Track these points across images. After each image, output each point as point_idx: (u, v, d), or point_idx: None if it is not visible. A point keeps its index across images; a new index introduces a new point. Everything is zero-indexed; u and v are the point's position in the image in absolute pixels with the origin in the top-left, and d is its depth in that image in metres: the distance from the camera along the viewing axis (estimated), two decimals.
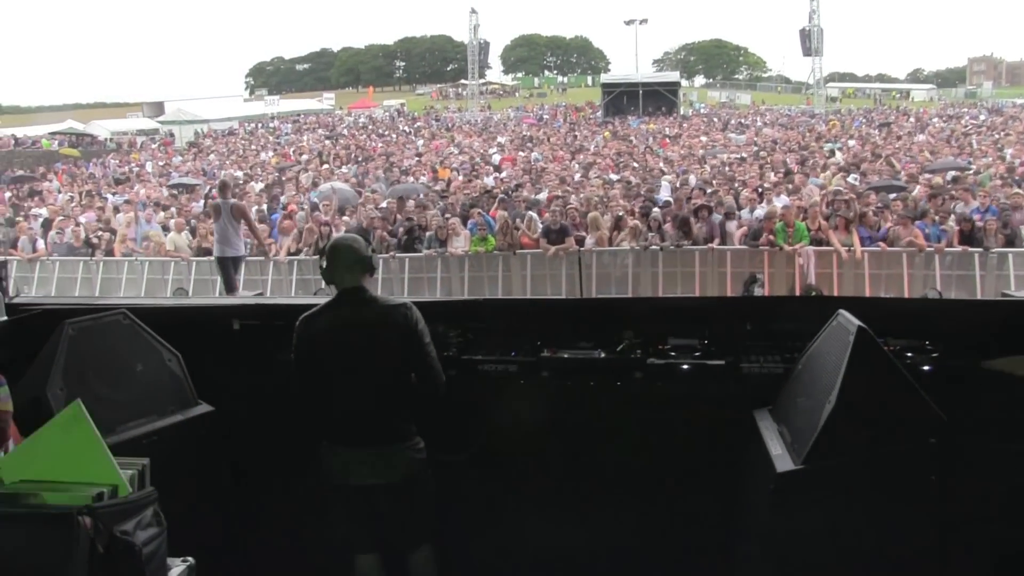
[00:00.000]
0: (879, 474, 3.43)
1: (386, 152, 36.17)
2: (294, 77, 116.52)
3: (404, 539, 4.41)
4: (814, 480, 3.43)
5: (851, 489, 3.46)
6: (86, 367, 4.09)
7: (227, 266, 13.71)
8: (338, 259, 4.29)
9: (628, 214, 15.81)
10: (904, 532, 3.50)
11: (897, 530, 3.49)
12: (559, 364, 4.60)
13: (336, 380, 4.25)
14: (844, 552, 3.51)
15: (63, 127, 50.89)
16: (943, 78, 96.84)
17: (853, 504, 3.47)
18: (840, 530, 3.49)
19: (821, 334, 3.94)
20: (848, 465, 3.41)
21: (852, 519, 3.48)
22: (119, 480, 2.67)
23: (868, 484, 3.45)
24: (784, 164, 24.23)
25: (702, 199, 16.54)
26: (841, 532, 3.49)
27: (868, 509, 3.47)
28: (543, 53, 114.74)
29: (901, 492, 3.47)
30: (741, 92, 79.27)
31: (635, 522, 4.56)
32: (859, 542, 3.50)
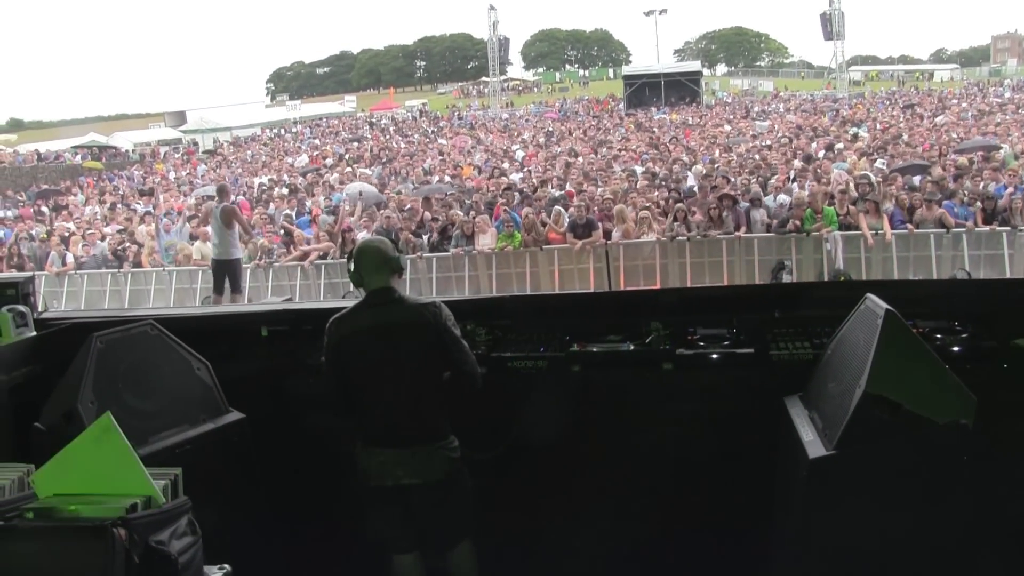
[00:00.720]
0: (911, 457, 3.40)
1: (409, 152, 36.22)
2: (315, 81, 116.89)
3: (443, 538, 4.42)
4: (846, 465, 3.42)
5: (884, 473, 3.43)
6: (116, 379, 4.12)
7: (221, 270, 13.76)
8: (366, 261, 4.31)
9: (654, 205, 15.75)
10: (938, 515, 3.47)
11: (931, 513, 3.47)
12: (588, 358, 4.59)
13: (369, 381, 4.26)
14: (878, 536, 3.49)
15: (86, 140, 51.27)
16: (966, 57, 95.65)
17: (886, 488, 3.45)
18: (874, 514, 3.47)
19: (849, 319, 3.91)
20: (880, 449, 3.38)
21: (885, 503, 3.46)
22: (152, 491, 2.68)
23: (900, 468, 3.42)
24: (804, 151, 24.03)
25: (727, 188, 16.46)
26: (875, 516, 3.47)
27: (901, 493, 3.45)
28: (563, 47, 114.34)
29: (934, 475, 3.44)
30: (763, 79, 78.67)
31: (669, 512, 4.55)
32: (893, 526, 3.48)
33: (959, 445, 3.38)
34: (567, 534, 4.72)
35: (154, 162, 44.10)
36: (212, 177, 34.13)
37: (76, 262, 17.06)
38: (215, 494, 3.80)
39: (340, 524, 4.90)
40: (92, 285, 16.80)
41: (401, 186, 24.53)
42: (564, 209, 16.00)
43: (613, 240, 14.86)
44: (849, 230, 14.20)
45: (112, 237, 18.30)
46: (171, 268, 16.64)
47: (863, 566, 3.51)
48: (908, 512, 3.46)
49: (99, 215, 23.70)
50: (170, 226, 19.07)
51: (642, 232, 14.99)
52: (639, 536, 4.62)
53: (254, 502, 4.53)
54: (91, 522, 2.51)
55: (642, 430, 4.56)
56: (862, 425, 3.35)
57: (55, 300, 15.96)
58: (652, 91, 56.35)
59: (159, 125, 66.98)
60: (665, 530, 4.57)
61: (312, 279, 15.72)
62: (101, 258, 17.16)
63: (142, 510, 2.62)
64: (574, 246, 14.94)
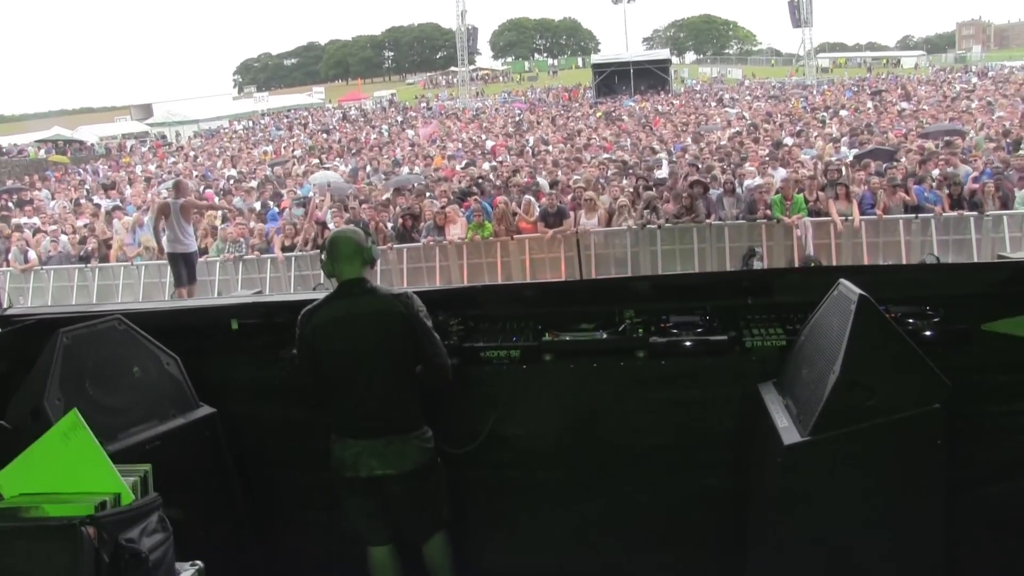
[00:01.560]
0: (885, 442, 3.42)
1: (379, 143, 36.09)
2: (282, 72, 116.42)
3: (417, 529, 4.42)
4: (821, 451, 3.43)
5: (858, 458, 3.44)
6: (83, 375, 4.06)
7: (177, 262, 14.07)
8: (338, 251, 4.28)
9: (624, 194, 15.77)
10: (912, 498, 3.50)
11: (905, 496, 3.49)
12: (562, 347, 4.57)
13: (341, 372, 4.23)
14: (853, 522, 3.51)
15: (50, 134, 50.50)
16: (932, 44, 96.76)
17: (861, 473, 3.47)
18: (849, 499, 3.49)
19: (822, 304, 3.92)
20: (855, 434, 3.39)
21: (860, 488, 3.48)
22: (121, 488, 2.65)
23: (875, 452, 3.43)
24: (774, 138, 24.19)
25: (697, 176, 16.51)
26: (850, 501, 3.49)
27: (876, 477, 3.47)
28: (532, 36, 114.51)
29: (908, 458, 3.46)
30: (732, 67, 79.15)
31: (645, 500, 4.56)
32: (867, 511, 3.50)
33: (932, 429, 3.40)
34: (542, 524, 4.71)
35: (121, 156, 43.62)
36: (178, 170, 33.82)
37: (43, 258, 16.83)
38: (186, 490, 3.76)
39: (314, 518, 4.88)
40: (59, 281, 16.60)
41: (372, 177, 24.43)
42: (535, 199, 15.98)
43: (584, 228, 14.85)
44: (819, 216, 14.27)
45: (77, 232, 18.07)
46: (140, 263, 16.47)
47: (838, 551, 3.53)
48: (882, 496, 3.49)
49: (68, 210, 23.37)
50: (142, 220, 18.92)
51: (615, 220, 14.99)
52: (614, 524, 4.62)
53: (226, 497, 4.49)
54: (59, 521, 2.48)
55: (616, 418, 4.55)
56: (836, 411, 3.37)
57: (21, 296, 15.77)
58: (621, 79, 56.46)
59: (125, 118, 66.32)
60: (640, 518, 4.58)
61: (282, 271, 15.62)
62: (66, 254, 16.94)
63: (111, 508, 2.59)
64: (545, 235, 14.92)
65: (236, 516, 4.55)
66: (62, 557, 2.43)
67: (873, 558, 3.52)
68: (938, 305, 4.35)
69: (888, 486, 3.48)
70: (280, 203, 19.97)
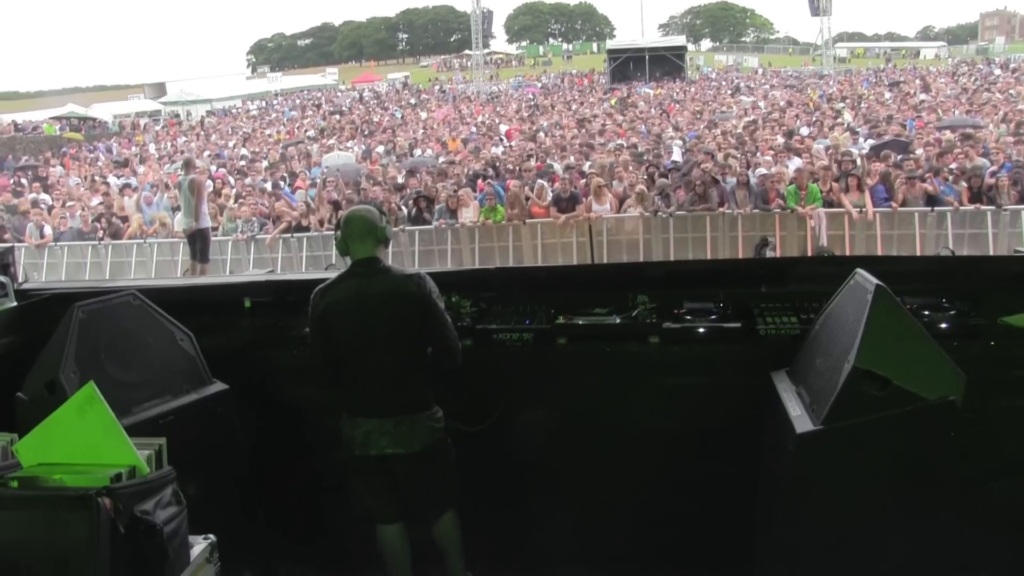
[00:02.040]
0: (899, 433, 3.39)
1: (392, 126, 36.05)
2: (296, 53, 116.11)
3: (426, 508, 4.43)
4: (834, 440, 3.41)
5: (871, 448, 3.43)
6: (98, 350, 4.08)
7: (193, 239, 14.29)
8: (352, 229, 4.28)
9: (637, 181, 15.73)
10: (923, 490, 3.48)
11: (916, 488, 3.48)
12: (574, 331, 4.57)
13: (353, 351, 4.24)
14: (865, 512, 3.50)
15: (64, 111, 50.53)
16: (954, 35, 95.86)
17: (873, 463, 3.45)
18: (860, 489, 3.48)
19: (838, 293, 3.90)
20: (868, 425, 3.37)
21: (872, 478, 3.46)
22: (136, 460, 2.67)
23: (888, 443, 3.41)
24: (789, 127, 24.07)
25: (711, 164, 16.46)
26: (861, 491, 3.48)
27: (888, 468, 3.45)
28: (547, 21, 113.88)
29: (921, 450, 3.44)
30: (748, 55, 78.64)
31: (655, 485, 4.56)
32: (879, 501, 3.49)
33: (947, 421, 3.39)
34: (552, 507, 4.73)
35: (134, 134, 43.68)
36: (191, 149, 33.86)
37: (56, 233, 16.89)
38: (199, 465, 3.78)
39: (324, 495, 4.90)
40: (73, 257, 16.65)
41: (385, 159, 24.42)
42: (548, 184, 15.95)
43: (596, 214, 14.83)
44: (832, 207, 14.20)
45: (91, 209, 18.11)
46: (152, 240, 16.53)
47: (849, 542, 3.53)
48: (894, 487, 3.48)
49: (82, 187, 23.43)
50: (151, 198, 18.98)
51: (627, 207, 14.96)
52: (625, 509, 4.63)
53: (238, 473, 4.51)
54: (76, 491, 2.50)
55: (628, 403, 4.56)
56: (850, 400, 3.35)
57: (35, 272, 15.84)
58: (636, 66, 56.14)
59: (138, 97, 66.34)
60: (651, 503, 4.58)
61: (294, 252, 15.64)
62: (77, 231, 17.00)
63: (127, 480, 2.61)
64: (557, 220, 14.90)
65: (248, 492, 4.57)
66: (79, 527, 2.45)
67: (883, 548, 3.52)
68: (954, 298, 4.34)
69: (900, 477, 3.47)
70: (294, 183, 19.97)
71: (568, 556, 4.81)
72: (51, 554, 2.48)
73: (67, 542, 2.46)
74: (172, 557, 2.70)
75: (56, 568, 2.48)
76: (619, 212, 15.00)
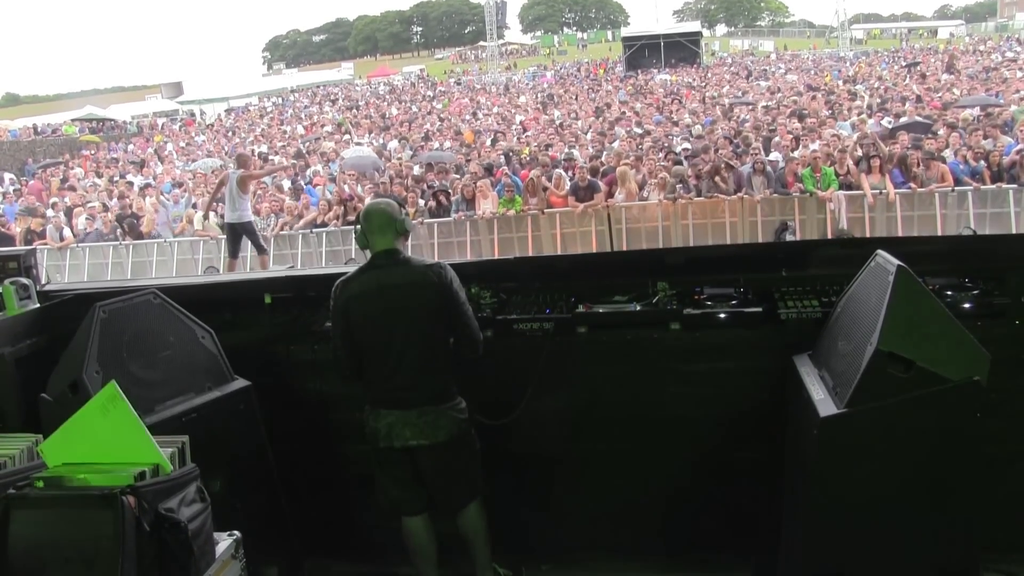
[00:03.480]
0: (923, 414, 3.37)
1: (408, 119, 36.09)
2: (311, 49, 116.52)
3: (451, 499, 4.43)
4: (858, 423, 3.39)
5: (896, 430, 3.40)
6: (120, 348, 4.09)
7: (235, 232, 14.25)
8: (372, 222, 4.29)
9: (656, 169, 15.68)
10: (949, 471, 3.46)
11: (942, 469, 3.45)
12: (595, 319, 4.56)
13: (375, 342, 4.24)
14: (889, 493, 3.48)
15: (83, 113, 50.97)
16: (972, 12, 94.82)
17: (898, 445, 3.43)
18: (886, 471, 3.46)
19: (859, 275, 3.86)
20: (892, 406, 3.35)
21: (897, 460, 3.44)
22: (160, 458, 2.68)
23: (912, 425, 3.39)
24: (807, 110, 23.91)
25: (729, 150, 16.38)
26: (887, 473, 3.46)
27: (913, 450, 3.43)
28: (561, 10, 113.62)
29: (945, 431, 3.41)
30: (764, 39, 78.23)
31: (679, 471, 4.55)
32: (905, 483, 3.47)
33: (971, 402, 3.35)
34: (576, 495, 4.72)
35: (153, 134, 43.91)
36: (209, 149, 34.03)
37: (82, 234, 17.01)
38: (223, 461, 3.81)
39: (349, 488, 4.91)
40: (94, 258, 16.76)
41: (402, 152, 24.43)
42: (566, 173, 15.92)
43: (615, 202, 14.79)
44: (851, 190, 14.11)
45: (111, 210, 18.23)
46: (172, 239, 16.63)
47: (874, 524, 3.51)
48: (920, 470, 3.45)
49: (101, 188, 23.55)
50: (178, 197, 19.10)
51: (645, 194, 14.91)
52: (649, 496, 4.62)
53: (262, 469, 4.53)
54: (100, 490, 2.51)
55: (650, 390, 4.54)
56: (874, 383, 3.32)
57: (58, 274, 15.96)
58: (652, 53, 55.98)
59: (156, 97, 66.71)
60: (675, 490, 4.57)
61: (314, 247, 15.69)
62: (97, 232, 17.11)
63: (150, 478, 2.62)
64: (576, 209, 14.87)
65: (271, 487, 4.59)
66: (104, 525, 2.46)
67: (908, 531, 3.50)
68: (977, 277, 4.29)
69: (925, 459, 3.44)
70: (313, 180, 20.01)
71: (594, 545, 4.81)
72: (77, 553, 2.49)
73: (93, 541, 2.48)
74: (197, 554, 2.71)
75: (82, 567, 2.49)
76: (637, 199, 14.92)
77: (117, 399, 2.70)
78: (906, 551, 3.54)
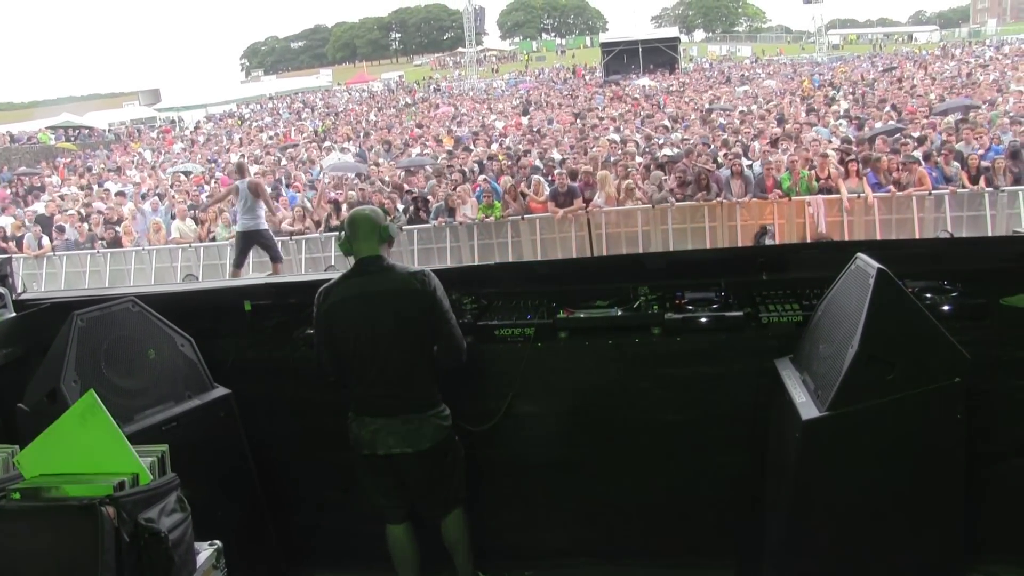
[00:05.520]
0: (905, 416, 3.39)
1: (387, 125, 36.03)
2: (290, 55, 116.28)
3: (435, 506, 4.42)
4: (840, 426, 3.40)
5: (877, 433, 3.42)
6: (99, 357, 4.06)
7: (247, 242, 13.80)
8: (356, 229, 4.27)
9: (636, 172, 15.73)
10: (931, 472, 3.48)
11: (924, 471, 3.47)
12: (576, 324, 4.56)
13: (358, 350, 4.21)
14: (872, 496, 3.49)
15: (59, 121, 50.34)
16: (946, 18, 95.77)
17: (880, 447, 3.44)
18: (868, 474, 3.47)
19: (840, 279, 3.88)
20: (873, 409, 3.36)
21: (879, 462, 3.46)
22: (139, 468, 2.65)
23: (894, 427, 3.40)
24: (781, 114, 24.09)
25: (707, 154, 16.44)
26: (869, 475, 3.47)
27: (895, 452, 3.44)
28: (540, 16, 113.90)
29: (927, 433, 3.43)
30: (742, 44, 78.74)
31: (662, 476, 4.55)
32: (887, 485, 3.48)
33: (952, 403, 3.37)
34: (559, 502, 4.71)
35: (130, 141, 43.61)
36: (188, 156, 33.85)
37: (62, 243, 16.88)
38: (203, 470, 3.78)
39: (330, 497, 4.89)
40: (72, 266, 16.64)
41: (381, 159, 24.39)
42: (545, 179, 15.94)
43: (595, 207, 14.82)
44: (830, 194, 14.20)
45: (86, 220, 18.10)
46: (150, 247, 16.53)
47: (857, 526, 3.52)
48: (902, 472, 3.46)
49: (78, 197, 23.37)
50: (157, 205, 19.00)
51: (625, 199, 14.94)
52: (632, 501, 4.62)
53: (243, 477, 4.50)
54: (79, 501, 2.49)
55: (632, 395, 4.54)
56: (855, 385, 3.34)
57: (34, 282, 15.84)
58: (630, 58, 56.19)
59: (133, 104, 66.26)
60: (657, 495, 4.57)
61: (292, 254, 15.63)
62: (74, 241, 16.99)
63: (130, 488, 2.59)
64: (556, 215, 14.89)
65: (253, 496, 4.56)
66: (83, 537, 2.44)
67: (891, 533, 3.51)
68: (955, 280, 4.32)
69: (907, 461, 3.46)
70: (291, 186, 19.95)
71: (577, 551, 4.80)
72: (56, 565, 2.47)
73: (71, 552, 2.45)
74: (178, 564, 2.69)
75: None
76: (617, 205, 14.95)
77: (95, 408, 2.67)
78: (889, 553, 3.55)
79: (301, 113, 47.92)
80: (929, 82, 32.59)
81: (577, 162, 17.14)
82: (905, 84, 32.63)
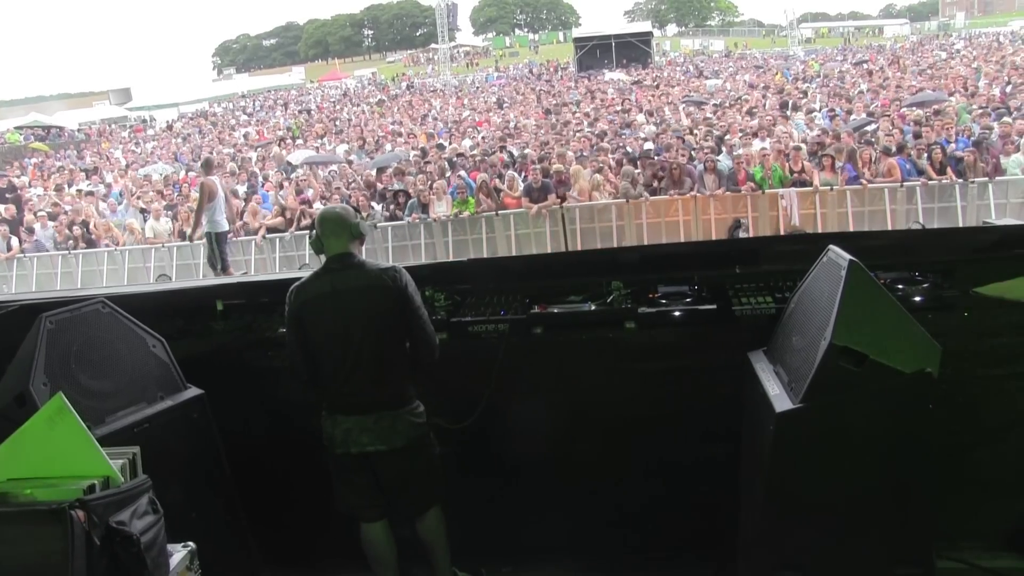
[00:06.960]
0: (877, 407, 3.40)
1: (361, 123, 35.90)
2: (262, 53, 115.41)
3: (410, 505, 4.41)
4: (813, 418, 3.41)
5: (850, 424, 3.43)
6: (68, 360, 4.00)
7: (211, 241, 13.62)
8: (326, 227, 4.27)
9: (607, 167, 15.75)
10: (904, 463, 3.50)
11: (897, 461, 3.49)
12: (550, 319, 4.56)
13: (331, 347, 4.21)
14: (846, 488, 3.51)
15: (28, 121, 49.78)
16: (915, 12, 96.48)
17: (853, 438, 3.46)
18: (841, 465, 3.48)
19: (812, 271, 3.90)
20: (847, 401, 3.38)
21: (852, 453, 3.47)
22: (110, 470, 2.63)
23: (867, 418, 3.42)
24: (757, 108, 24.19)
25: (681, 148, 16.49)
26: (842, 467, 3.48)
27: (868, 443, 3.46)
28: (512, 11, 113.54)
29: (900, 423, 3.45)
30: (714, 39, 79.01)
31: (640, 472, 4.56)
32: (860, 475, 3.50)
33: (924, 394, 3.39)
34: (536, 498, 4.71)
35: (101, 141, 43.20)
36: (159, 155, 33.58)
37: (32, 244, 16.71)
38: (176, 472, 3.76)
39: (306, 496, 4.86)
40: (43, 268, 16.48)
41: (354, 156, 24.30)
42: (519, 174, 15.94)
43: (569, 203, 14.83)
44: (804, 186, 14.28)
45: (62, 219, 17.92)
46: (123, 248, 16.39)
47: (831, 517, 3.54)
48: (875, 463, 3.49)
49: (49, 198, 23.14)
50: (115, 206, 18.85)
51: (598, 194, 14.96)
52: (608, 496, 4.63)
53: (216, 478, 4.46)
54: (48, 505, 2.47)
55: (606, 390, 4.55)
56: (828, 377, 3.34)
57: (4, 285, 15.68)
58: (603, 53, 56.21)
59: (104, 103, 65.64)
60: (635, 489, 4.58)
61: (267, 253, 15.57)
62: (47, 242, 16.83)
63: (100, 491, 2.57)
64: (530, 210, 14.90)
65: (227, 497, 4.52)
66: (53, 541, 2.41)
67: (864, 523, 3.53)
68: (927, 270, 4.35)
69: (880, 451, 3.48)
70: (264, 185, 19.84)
71: (553, 547, 4.80)
72: (25, 570, 2.44)
73: (41, 558, 2.43)
74: (151, 567, 2.67)
75: None
76: (591, 200, 14.97)
77: (64, 411, 2.65)
78: (862, 543, 3.57)
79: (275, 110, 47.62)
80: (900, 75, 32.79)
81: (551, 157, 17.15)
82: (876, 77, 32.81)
